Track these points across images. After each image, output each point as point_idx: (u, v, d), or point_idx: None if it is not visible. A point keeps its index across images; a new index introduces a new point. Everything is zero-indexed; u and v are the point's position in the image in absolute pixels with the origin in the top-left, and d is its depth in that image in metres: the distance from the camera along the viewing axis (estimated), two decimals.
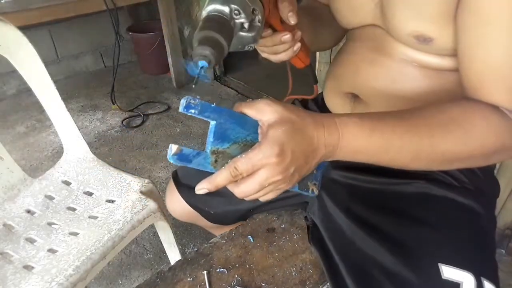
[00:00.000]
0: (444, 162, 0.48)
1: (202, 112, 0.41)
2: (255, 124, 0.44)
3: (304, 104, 0.82)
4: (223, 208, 0.78)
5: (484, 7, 0.44)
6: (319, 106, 0.80)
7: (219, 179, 0.41)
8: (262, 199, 0.45)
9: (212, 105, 0.42)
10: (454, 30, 0.50)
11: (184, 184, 0.81)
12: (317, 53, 1.66)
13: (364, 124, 0.45)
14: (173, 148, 0.40)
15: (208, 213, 0.79)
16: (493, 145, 0.47)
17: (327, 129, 0.44)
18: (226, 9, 0.43)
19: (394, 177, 0.63)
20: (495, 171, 1.27)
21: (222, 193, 0.76)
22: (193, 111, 0.40)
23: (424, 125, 0.47)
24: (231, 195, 0.67)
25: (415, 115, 0.48)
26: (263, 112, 0.43)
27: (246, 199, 0.44)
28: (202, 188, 0.43)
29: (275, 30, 0.54)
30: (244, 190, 0.42)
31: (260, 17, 0.46)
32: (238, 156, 0.41)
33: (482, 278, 0.51)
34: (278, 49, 0.56)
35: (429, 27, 0.52)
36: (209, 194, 0.79)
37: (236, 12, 0.44)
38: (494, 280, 0.52)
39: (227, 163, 0.42)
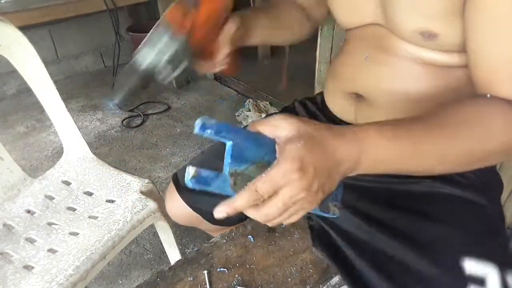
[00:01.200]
0: (470, 162, 0.47)
1: (218, 132, 0.39)
2: (272, 143, 0.42)
3: (304, 105, 0.82)
4: None
5: (491, 2, 0.45)
6: (319, 107, 0.80)
7: (238, 203, 0.38)
8: (286, 222, 0.42)
9: (228, 125, 0.39)
10: (460, 26, 0.50)
11: (185, 186, 0.80)
12: (317, 53, 1.66)
13: (383, 130, 0.43)
14: (190, 171, 0.37)
15: (209, 215, 0.79)
16: None
17: (347, 140, 0.41)
18: (156, 61, 0.49)
19: (400, 177, 0.62)
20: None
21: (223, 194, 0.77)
22: (209, 131, 0.38)
23: (445, 125, 0.46)
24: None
25: (433, 117, 0.47)
26: (279, 127, 0.41)
27: (269, 224, 0.41)
28: (221, 211, 0.39)
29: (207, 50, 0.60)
30: (267, 213, 0.38)
31: (186, 63, 0.53)
32: (258, 177, 0.38)
33: (506, 269, 0.52)
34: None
35: (434, 23, 0.52)
36: (209, 195, 0.79)
37: (165, 63, 0.51)
38: None
39: (246, 185, 0.38)
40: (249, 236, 0.70)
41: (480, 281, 0.50)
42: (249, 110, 2.10)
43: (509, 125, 0.46)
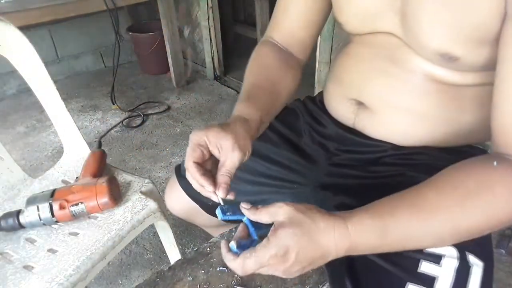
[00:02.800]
0: (470, 235, 0.47)
1: (234, 212, 0.50)
2: None
3: (304, 104, 0.82)
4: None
5: None
6: (320, 107, 0.79)
7: (231, 265, 0.46)
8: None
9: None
10: (485, 52, 0.48)
11: (185, 176, 0.81)
12: (317, 53, 1.66)
13: (376, 224, 0.45)
14: (235, 245, 0.47)
15: (206, 205, 0.79)
16: None
17: (338, 234, 0.45)
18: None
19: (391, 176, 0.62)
20: None
21: None
22: (228, 213, 0.49)
23: (440, 207, 0.45)
24: (231, 187, 0.68)
25: (430, 197, 0.45)
26: (275, 214, 0.46)
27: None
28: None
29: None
30: (246, 270, 0.45)
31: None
32: (248, 254, 0.45)
33: (467, 253, 0.51)
34: None
35: (458, 47, 0.50)
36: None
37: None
38: (481, 256, 0.52)
39: None
40: None
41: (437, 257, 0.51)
42: None
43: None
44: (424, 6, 0.50)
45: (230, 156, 0.52)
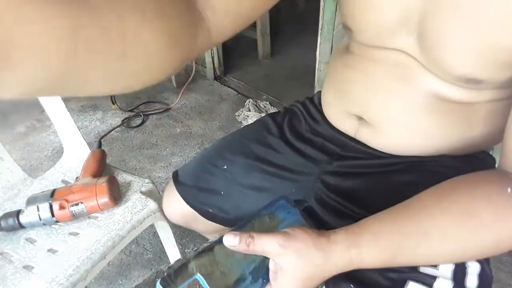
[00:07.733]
0: (479, 258, 0.48)
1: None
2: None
3: (304, 106, 0.81)
4: (222, 207, 0.77)
5: None
6: (318, 109, 0.77)
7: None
8: None
9: None
10: (509, 72, 0.47)
11: (183, 183, 0.80)
12: (317, 53, 1.66)
13: (382, 256, 0.45)
14: None
15: (205, 212, 0.78)
16: None
17: (342, 263, 0.46)
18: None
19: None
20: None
21: (222, 193, 0.77)
22: None
23: (451, 236, 0.44)
24: (232, 194, 0.68)
25: (441, 225, 0.45)
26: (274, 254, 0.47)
27: None
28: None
29: None
30: None
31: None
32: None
33: None
34: None
35: (485, 71, 0.47)
36: (207, 191, 0.80)
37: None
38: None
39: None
40: None
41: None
42: (249, 110, 2.10)
43: None
44: (447, 28, 0.46)
45: None
